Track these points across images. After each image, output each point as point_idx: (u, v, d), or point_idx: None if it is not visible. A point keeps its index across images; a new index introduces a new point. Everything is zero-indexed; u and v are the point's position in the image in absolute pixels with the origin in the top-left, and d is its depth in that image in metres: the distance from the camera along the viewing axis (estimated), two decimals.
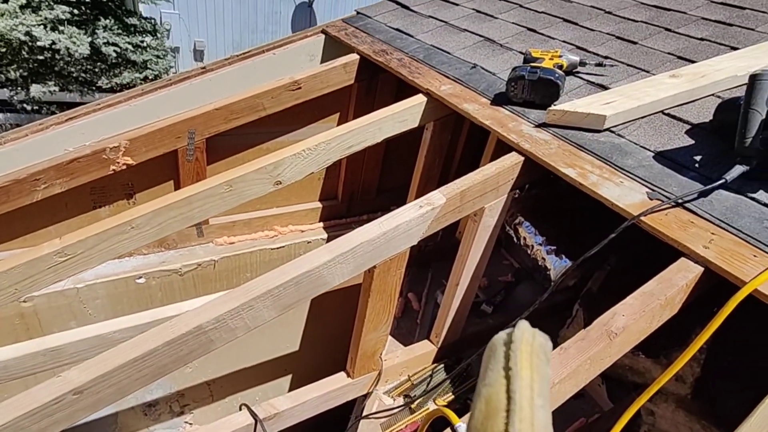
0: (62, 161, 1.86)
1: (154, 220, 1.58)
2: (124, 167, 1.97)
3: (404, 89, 2.10)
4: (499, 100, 1.70)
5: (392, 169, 2.77)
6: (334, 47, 2.43)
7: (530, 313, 1.46)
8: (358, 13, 2.55)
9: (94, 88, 7.21)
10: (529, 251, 2.58)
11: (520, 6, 2.32)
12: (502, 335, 0.43)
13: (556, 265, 2.43)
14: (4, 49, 6.35)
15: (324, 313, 3.11)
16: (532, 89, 1.60)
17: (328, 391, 1.72)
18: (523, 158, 1.50)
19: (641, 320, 1.07)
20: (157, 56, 7.58)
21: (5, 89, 6.85)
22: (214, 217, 2.40)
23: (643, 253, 1.56)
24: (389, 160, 2.70)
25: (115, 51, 6.80)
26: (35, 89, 6.59)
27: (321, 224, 2.71)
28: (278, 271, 1.27)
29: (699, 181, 1.29)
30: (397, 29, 2.29)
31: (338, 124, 2.50)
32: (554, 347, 2.22)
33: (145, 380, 1.18)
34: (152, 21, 7.68)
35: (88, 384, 1.09)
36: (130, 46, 6.99)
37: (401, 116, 1.86)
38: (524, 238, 2.59)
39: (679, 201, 1.23)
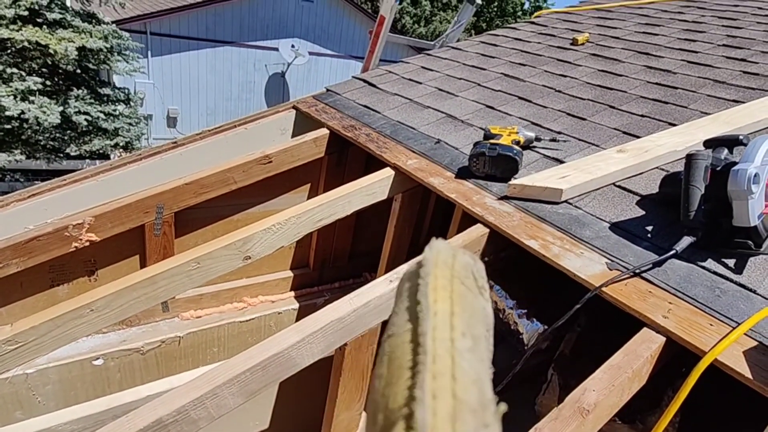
0: (20, 240, 1.80)
1: (116, 302, 1.52)
2: (88, 244, 1.92)
3: (373, 160, 2.18)
4: (462, 173, 1.79)
5: (364, 234, 2.80)
6: (305, 121, 2.53)
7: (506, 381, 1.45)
8: (327, 90, 2.68)
9: (62, 155, 7.14)
10: (501, 315, 2.60)
11: (479, 85, 2.50)
12: (412, 264, 0.30)
13: (528, 329, 2.44)
14: None
15: (296, 386, 2.97)
16: (493, 165, 1.69)
17: None
18: (488, 230, 1.56)
19: (612, 395, 1.08)
20: (129, 124, 7.65)
21: None
22: None
23: (611, 313, 1.61)
24: (361, 225, 2.73)
25: (86, 119, 6.83)
26: (0, 158, 6.47)
27: (292, 293, 2.67)
28: (244, 355, 1.23)
29: (653, 251, 1.36)
30: (365, 106, 2.42)
31: (309, 195, 2.55)
32: (531, 414, 2.18)
33: None
34: (126, 90, 7.81)
35: None
36: (102, 115, 7.05)
37: (370, 189, 1.91)
38: (495, 302, 2.61)
39: (637, 271, 1.29)
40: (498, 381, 1.42)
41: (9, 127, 6.37)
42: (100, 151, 7.50)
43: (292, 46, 10.37)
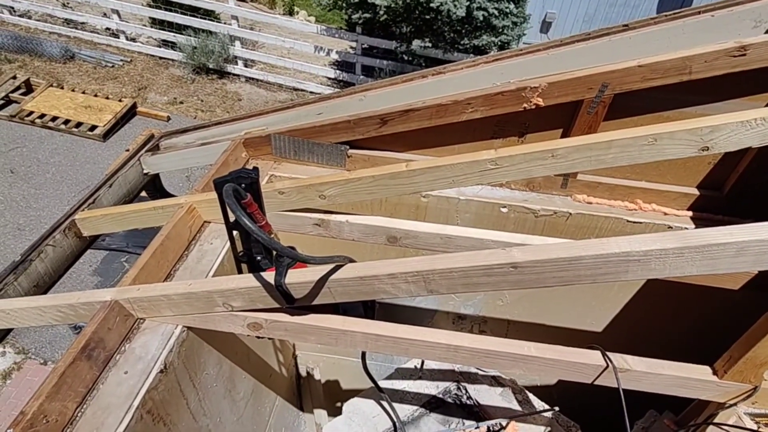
0: (490, 92, 2.23)
1: (572, 155, 1.73)
2: (534, 107, 2.21)
3: None
4: None
5: None
6: None
7: None
8: None
9: (455, 47, 8.28)
10: None
11: None
12: None
13: None
14: (402, 9, 7.90)
15: (646, 307, 2.88)
16: None
17: (686, 377, 1.60)
18: None
19: None
20: (514, 23, 8.04)
21: (393, 41, 8.60)
22: (582, 173, 2.49)
23: None
24: None
25: (483, 15, 7.55)
26: (415, 44, 8.05)
27: (689, 213, 2.44)
28: (721, 230, 1.22)
29: None
30: None
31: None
32: None
33: (559, 281, 1.35)
34: None
35: (525, 263, 1.32)
36: (496, 12, 7.63)
37: None
38: None
39: None
40: None
41: (428, 17, 7.72)
42: (483, 48, 8.31)
43: None
